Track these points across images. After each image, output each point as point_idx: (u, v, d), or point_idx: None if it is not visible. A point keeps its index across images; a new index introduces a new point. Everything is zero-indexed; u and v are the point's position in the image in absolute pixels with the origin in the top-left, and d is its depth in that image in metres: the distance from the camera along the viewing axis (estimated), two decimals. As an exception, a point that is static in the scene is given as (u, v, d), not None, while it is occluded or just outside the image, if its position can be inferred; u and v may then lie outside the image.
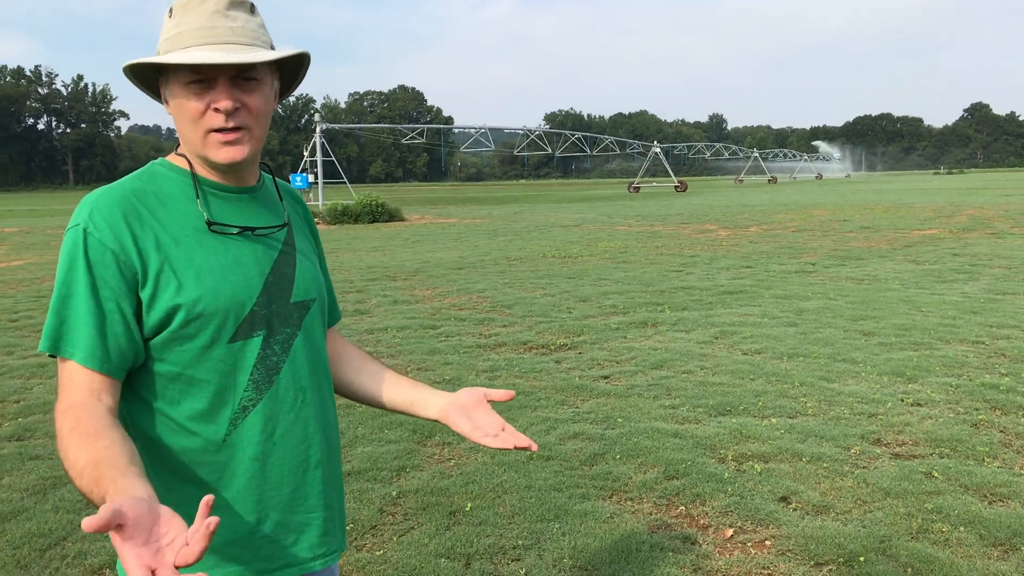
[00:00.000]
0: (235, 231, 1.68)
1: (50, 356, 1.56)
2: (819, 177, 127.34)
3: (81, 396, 1.51)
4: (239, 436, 1.65)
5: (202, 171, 1.70)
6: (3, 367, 8.30)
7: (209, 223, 1.65)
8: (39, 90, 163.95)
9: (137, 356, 1.59)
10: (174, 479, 1.63)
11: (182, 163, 1.70)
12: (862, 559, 3.93)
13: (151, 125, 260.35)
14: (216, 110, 1.60)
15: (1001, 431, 5.68)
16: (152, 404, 1.62)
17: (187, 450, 1.63)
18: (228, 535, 1.64)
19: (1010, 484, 4.74)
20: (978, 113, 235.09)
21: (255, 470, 1.67)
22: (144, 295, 1.56)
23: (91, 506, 4.44)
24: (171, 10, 1.61)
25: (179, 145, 1.73)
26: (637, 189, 72.86)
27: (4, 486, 5.13)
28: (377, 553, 4.16)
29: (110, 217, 1.56)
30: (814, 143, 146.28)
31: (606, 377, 7.41)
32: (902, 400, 6.41)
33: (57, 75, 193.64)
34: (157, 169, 1.70)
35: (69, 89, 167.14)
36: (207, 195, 1.69)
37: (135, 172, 1.70)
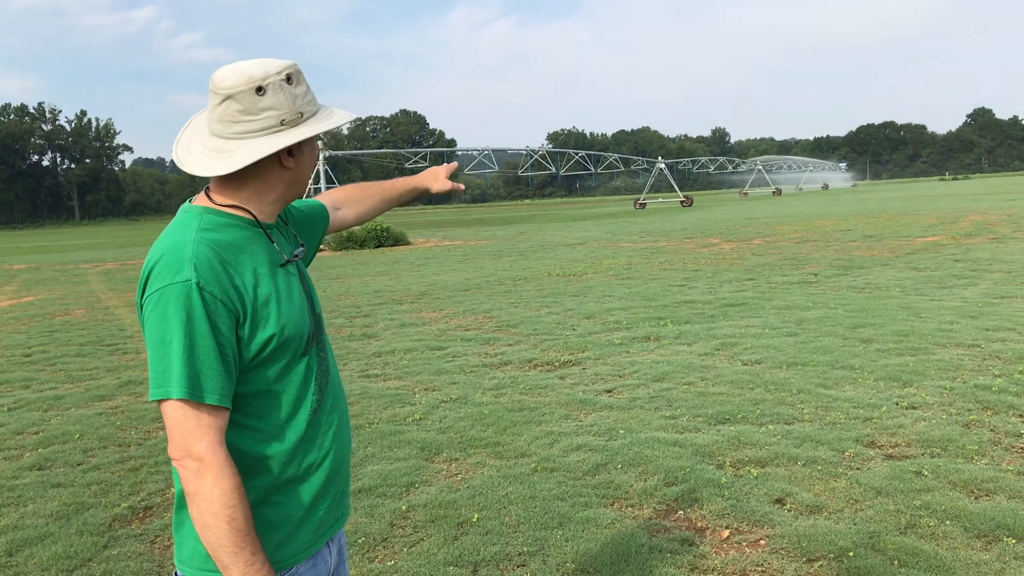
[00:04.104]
0: (285, 261, 1.96)
1: (158, 400, 1.75)
2: (825, 187, 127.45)
3: (217, 437, 1.74)
4: (315, 430, 1.95)
5: (260, 216, 1.94)
6: (21, 400, 8.53)
7: (285, 261, 1.95)
8: (43, 127, 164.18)
9: None
10: (268, 477, 1.88)
11: (236, 212, 1.90)
12: (851, 554, 4.10)
13: (155, 158, 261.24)
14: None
15: (991, 430, 5.84)
16: (240, 420, 1.85)
17: (277, 452, 1.89)
18: (307, 513, 1.95)
19: (996, 479, 4.91)
20: (981, 118, 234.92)
21: (330, 457, 1.99)
22: (243, 332, 1.80)
23: (112, 528, 4.64)
24: (290, 77, 1.87)
25: (208, 190, 1.93)
26: (643, 205, 73.05)
27: (29, 513, 5.33)
28: (388, 564, 4.35)
29: (212, 270, 1.76)
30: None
31: (609, 391, 7.60)
32: (897, 404, 6.58)
33: (60, 111, 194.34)
34: (211, 218, 1.87)
35: (73, 125, 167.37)
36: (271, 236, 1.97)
37: (192, 223, 1.85)
